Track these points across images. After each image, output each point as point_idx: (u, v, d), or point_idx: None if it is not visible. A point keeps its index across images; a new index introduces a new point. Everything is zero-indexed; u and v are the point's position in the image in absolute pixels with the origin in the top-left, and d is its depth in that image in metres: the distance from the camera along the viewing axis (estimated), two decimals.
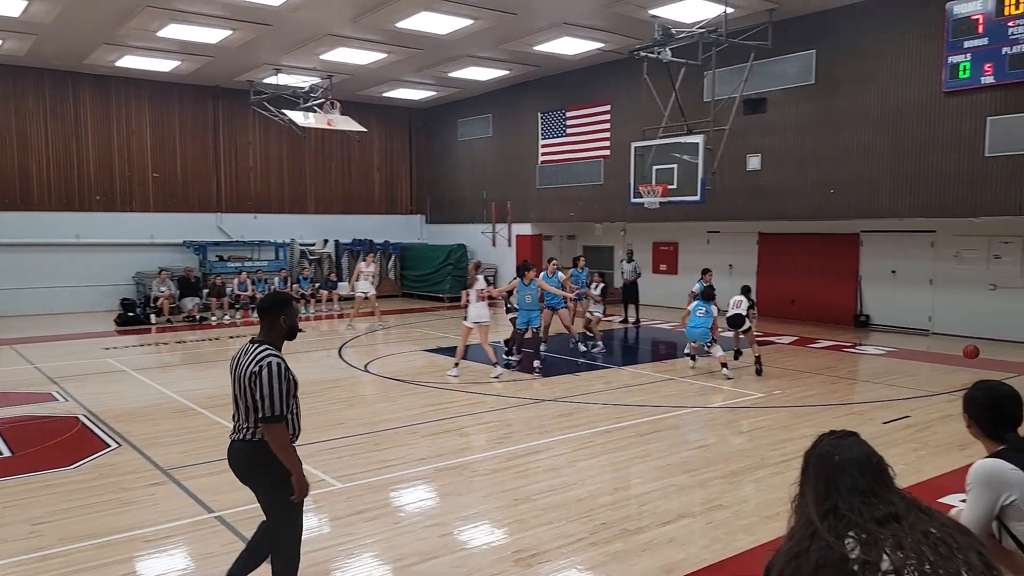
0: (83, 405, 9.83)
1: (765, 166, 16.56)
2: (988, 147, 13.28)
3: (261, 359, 3.98)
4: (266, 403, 3.92)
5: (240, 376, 4.06)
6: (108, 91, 20.86)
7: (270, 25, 15.85)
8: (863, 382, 11.53)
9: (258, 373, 3.93)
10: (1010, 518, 2.88)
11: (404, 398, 10.34)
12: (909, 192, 14.37)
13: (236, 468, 4.24)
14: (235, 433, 4.19)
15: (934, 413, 9.19)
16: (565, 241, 24.01)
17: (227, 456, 4.26)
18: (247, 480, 4.24)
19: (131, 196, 21.42)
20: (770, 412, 9.37)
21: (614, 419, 9.08)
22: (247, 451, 4.11)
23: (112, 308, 19.89)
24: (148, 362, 13.66)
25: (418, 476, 7.02)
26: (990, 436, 3.05)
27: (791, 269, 18.02)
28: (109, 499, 6.36)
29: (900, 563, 1.98)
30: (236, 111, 22.68)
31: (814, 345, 14.65)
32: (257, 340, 4.15)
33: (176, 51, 18.18)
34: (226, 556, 5.17)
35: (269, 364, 3.95)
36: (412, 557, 5.19)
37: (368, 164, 25.90)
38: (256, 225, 23.34)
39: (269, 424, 3.95)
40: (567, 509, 6.05)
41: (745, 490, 6.56)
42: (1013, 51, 12.72)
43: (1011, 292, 14.79)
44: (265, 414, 3.93)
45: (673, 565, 5.05)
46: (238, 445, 4.16)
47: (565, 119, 21.44)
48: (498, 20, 15.56)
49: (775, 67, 16.01)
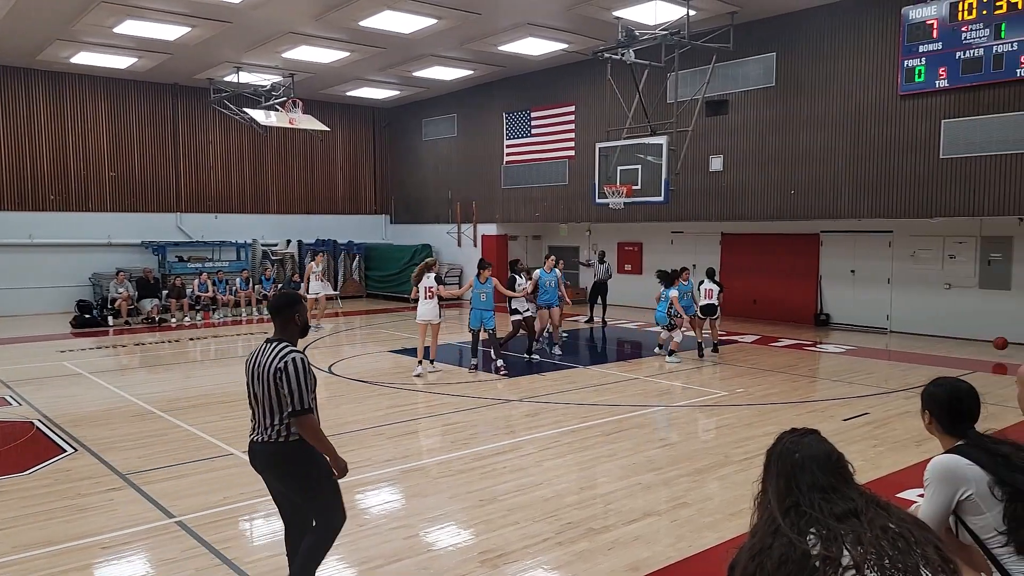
0: (38, 409, 9.58)
1: (727, 167, 16.77)
2: (943, 150, 13.61)
3: (285, 356, 4.06)
4: (295, 397, 4.01)
5: (262, 375, 4.08)
6: (62, 88, 20.39)
7: (230, 23, 15.62)
8: (823, 380, 11.73)
9: (284, 369, 4.01)
10: (967, 513, 2.94)
11: (369, 399, 10.26)
12: (868, 193, 14.66)
13: (262, 467, 4.25)
14: (257, 434, 4.18)
15: (892, 410, 9.37)
16: (531, 241, 24.04)
17: (249, 455, 4.27)
18: (277, 480, 4.26)
19: (87, 195, 20.96)
20: (733, 410, 9.48)
21: (580, 419, 9.11)
22: (272, 452, 4.14)
23: (67, 310, 19.44)
24: (105, 365, 13.37)
25: (383, 478, 6.96)
26: (949, 432, 3.11)
27: (753, 269, 18.27)
28: (64, 505, 6.21)
29: (860, 558, 2.01)
30: (196, 109, 22.33)
31: (776, 344, 14.86)
32: (274, 339, 4.20)
33: (133, 48, 17.83)
34: (187, 562, 5.09)
35: (293, 360, 4.04)
36: (377, 560, 5.15)
37: (332, 164, 25.67)
38: (217, 225, 22.98)
39: (300, 417, 4.04)
40: (533, 509, 6.05)
41: (709, 488, 6.63)
42: (966, 55, 13.04)
43: (965, 291, 15.16)
44: (295, 408, 4.03)
45: (639, 563, 5.07)
46: (261, 447, 4.17)
47: (530, 119, 21.48)
48: (462, 20, 15.53)
49: (737, 69, 16.23)
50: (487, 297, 11.97)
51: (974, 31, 12.92)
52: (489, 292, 11.97)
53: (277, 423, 4.09)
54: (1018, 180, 12.84)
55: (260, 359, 4.14)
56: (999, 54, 12.67)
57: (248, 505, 6.16)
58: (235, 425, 8.63)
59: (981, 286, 14.95)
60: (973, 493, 2.89)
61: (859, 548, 2.03)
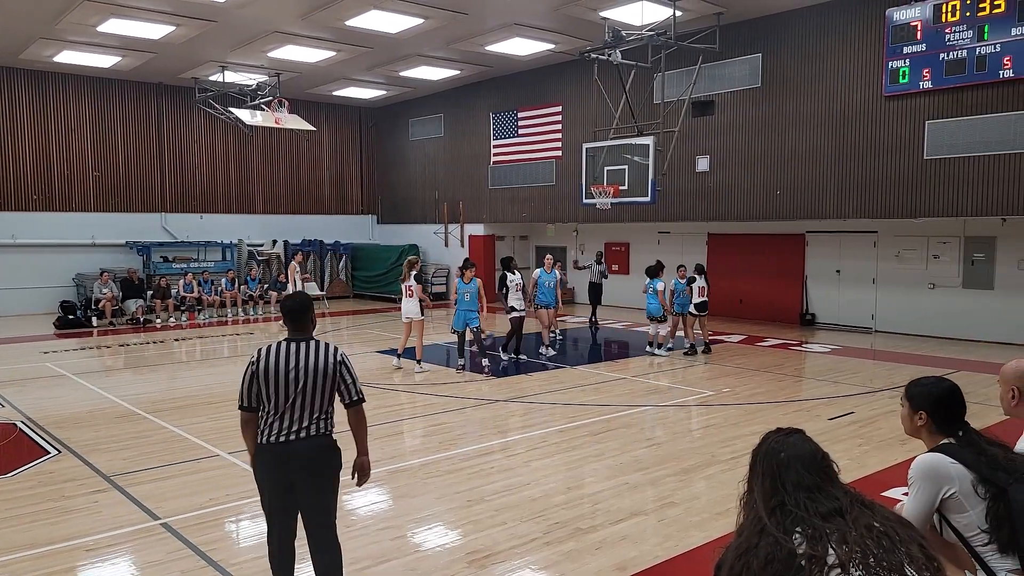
0: (21, 411, 9.49)
1: (714, 167, 16.84)
2: (927, 150, 13.72)
3: (334, 351, 4.22)
4: (355, 387, 4.23)
5: (314, 371, 4.10)
6: (45, 87, 20.21)
7: (215, 22, 15.53)
8: (809, 379, 11.79)
9: (343, 362, 4.22)
10: (950, 511, 2.96)
11: None
12: (853, 194, 14.76)
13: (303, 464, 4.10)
14: (291, 432, 4.08)
15: (877, 409, 9.44)
16: (518, 241, 24.05)
17: (279, 457, 4.08)
18: (314, 475, 4.14)
19: (70, 195, 20.78)
20: (720, 410, 9.52)
21: (568, 419, 9.12)
22: (321, 445, 4.15)
23: (51, 311, 19.26)
24: (90, 366, 13.26)
25: (371, 479, 6.92)
26: (943, 431, 3.10)
27: (739, 269, 18.34)
28: (48, 507, 6.15)
29: (845, 556, 2.02)
30: (181, 109, 22.19)
31: (762, 343, 14.93)
32: (300, 338, 4.21)
33: (117, 47, 17.69)
34: (172, 564, 5.06)
35: (343, 354, 4.26)
36: (365, 561, 5.13)
37: (318, 164, 25.57)
38: (202, 225, 22.84)
39: (359, 406, 4.26)
40: (521, 509, 6.06)
41: (696, 487, 6.65)
42: (950, 57, 13.16)
43: (948, 291, 15.29)
44: (356, 397, 4.23)
45: (626, 563, 5.08)
46: (305, 443, 4.09)
47: (517, 119, 21.48)
48: (449, 19, 15.51)
49: (723, 70, 16.30)
50: (471, 297, 11.95)
51: (957, 33, 13.03)
52: (473, 292, 11.96)
53: (322, 417, 4.15)
54: (1001, 181, 12.97)
55: (302, 357, 4.11)
56: (982, 56, 12.79)
57: (234, 507, 6.13)
58: (221, 426, 8.59)
59: (965, 286, 15.08)
60: (956, 491, 2.91)
61: (844, 547, 2.04)
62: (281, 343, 4.20)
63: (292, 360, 4.12)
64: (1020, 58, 12.39)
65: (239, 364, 4.08)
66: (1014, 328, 14.18)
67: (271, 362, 4.11)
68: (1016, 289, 14.36)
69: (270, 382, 4.09)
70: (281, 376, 4.09)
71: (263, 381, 4.10)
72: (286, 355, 4.14)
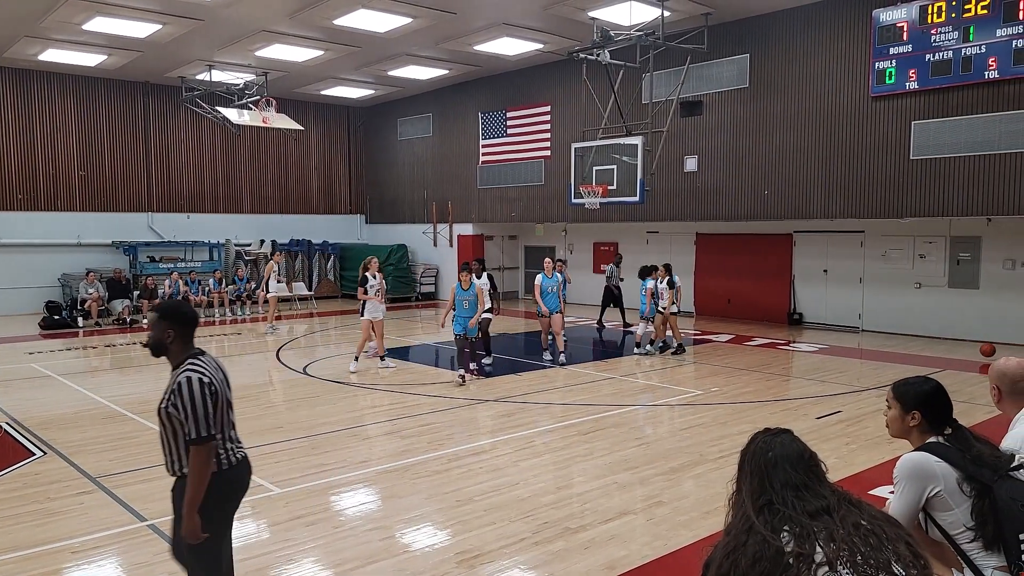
0: (6, 412, 9.41)
1: (702, 167, 16.89)
2: (913, 151, 13.81)
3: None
4: None
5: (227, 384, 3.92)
6: (30, 86, 20.04)
7: (202, 20, 15.45)
8: (797, 378, 11.85)
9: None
10: (936, 509, 2.98)
11: (344, 400, 10.20)
12: (840, 194, 14.84)
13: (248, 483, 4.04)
14: (241, 448, 3.95)
15: (864, 408, 9.49)
16: (507, 241, 24.06)
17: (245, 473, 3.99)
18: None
19: (56, 195, 20.62)
20: (708, 409, 9.54)
21: (556, 418, 9.13)
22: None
23: (36, 311, 19.10)
24: (75, 366, 13.16)
25: (359, 479, 6.92)
26: (934, 429, 3.12)
27: (727, 269, 18.40)
28: (34, 509, 6.10)
29: (833, 555, 2.03)
30: (167, 108, 22.07)
31: (750, 343, 14.99)
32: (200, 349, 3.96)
33: (102, 45, 17.56)
34: (159, 566, 5.02)
35: None
36: (353, 562, 5.11)
37: (306, 163, 25.47)
38: (189, 225, 22.72)
39: None
40: (510, 509, 6.05)
41: (685, 486, 6.67)
42: (936, 58, 13.25)
43: (935, 290, 15.39)
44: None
45: (615, 562, 5.09)
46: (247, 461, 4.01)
47: (506, 119, 21.48)
48: (437, 19, 15.49)
49: (711, 70, 16.35)
50: (470, 305, 11.19)
51: (943, 34, 13.12)
52: (472, 300, 11.20)
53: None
54: (986, 181, 13.07)
55: (221, 370, 3.91)
56: (968, 57, 12.88)
57: None
58: None
59: (951, 285, 15.19)
60: (942, 489, 2.93)
61: (832, 545, 2.05)
62: (206, 355, 3.87)
63: (221, 372, 3.88)
64: (1005, 59, 12.50)
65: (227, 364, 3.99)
66: (999, 327, 14.29)
67: (217, 378, 3.77)
68: (1001, 288, 14.48)
69: (223, 400, 3.78)
70: (227, 391, 3.87)
71: (222, 400, 3.77)
72: (217, 367, 3.87)
